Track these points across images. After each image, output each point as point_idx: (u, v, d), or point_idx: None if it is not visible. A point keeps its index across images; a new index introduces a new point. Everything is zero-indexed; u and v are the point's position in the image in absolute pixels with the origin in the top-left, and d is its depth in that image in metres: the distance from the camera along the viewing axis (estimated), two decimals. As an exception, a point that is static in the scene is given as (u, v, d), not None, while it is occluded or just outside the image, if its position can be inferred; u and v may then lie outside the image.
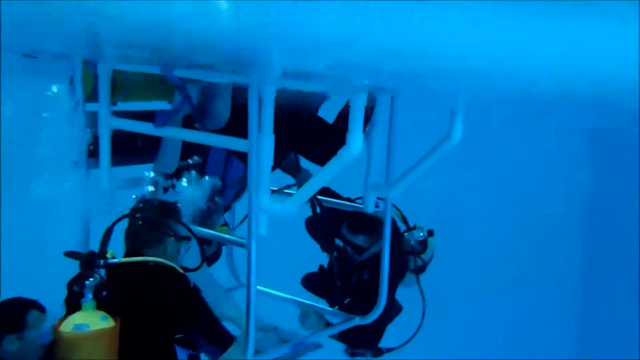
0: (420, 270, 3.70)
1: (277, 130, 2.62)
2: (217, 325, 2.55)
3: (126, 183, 3.24)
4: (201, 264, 2.66)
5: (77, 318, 2.27)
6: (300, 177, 3.51)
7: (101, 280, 2.34)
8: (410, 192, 3.24)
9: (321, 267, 3.78)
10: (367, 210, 3.30)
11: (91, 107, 3.14)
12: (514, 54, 1.70)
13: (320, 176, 2.63)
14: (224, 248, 3.70)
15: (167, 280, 2.48)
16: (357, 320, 3.45)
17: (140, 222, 2.59)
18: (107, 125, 3.09)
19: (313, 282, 3.85)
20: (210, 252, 3.31)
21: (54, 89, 2.99)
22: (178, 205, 2.74)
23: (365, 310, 3.41)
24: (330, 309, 3.58)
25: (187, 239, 2.67)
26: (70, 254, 2.37)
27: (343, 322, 3.47)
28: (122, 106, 3.28)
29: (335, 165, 2.55)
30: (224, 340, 2.55)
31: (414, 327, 3.68)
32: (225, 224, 3.29)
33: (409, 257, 3.65)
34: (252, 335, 2.71)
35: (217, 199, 3.11)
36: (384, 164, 3.28)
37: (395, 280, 3.56)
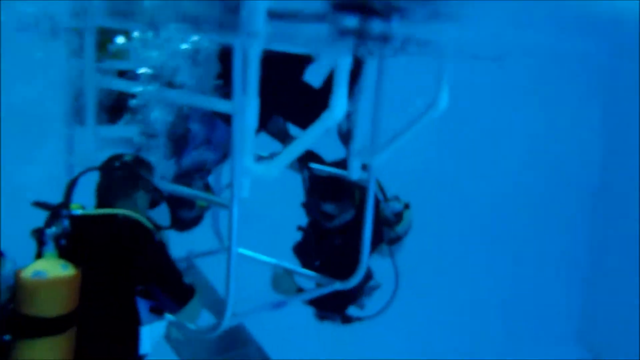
0: (393, 241, 3.72)
1: (260, 92, 2.62)
2: (178, 280, 2.56)
3: (113, 142, 3.24)
4: (171, 225, 2.71)
5: (37, 265, 2.31)
6: (289, 144, 3.51)
7: (63, 230, 2.37)
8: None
9: (301, 229, 3.82)
10: (351, 177, 3.31)
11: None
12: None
13: (302, 140, 2.64)
14: (209, 213, 3.72)
15: (132, 232, 2.50)
16: (338, 285, 3.50)
17: (111, 176, 2.60)
18: (92, 82, 3.07)
19: (297, 248, 3.90)
20: (191, 216, 3.33)
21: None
22: (149, 160, 2.74)
23: (336, 275, 3.46)
24: (311, 273, 3.62)
25: (157, 192, 2.68)
26: (38, 204, 2.41)
27: (324, 286, 3.52)
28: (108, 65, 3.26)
29: (317, 128, 2.56)
30: (183, 295, 2.56)
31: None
32: (208, 188, 3.30)
33: (383, 227, 3.67)
34: (232, 298, 2.76)
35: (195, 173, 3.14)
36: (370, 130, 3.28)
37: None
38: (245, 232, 2.78)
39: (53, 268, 2.29)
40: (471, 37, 2.76)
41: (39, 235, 2.34)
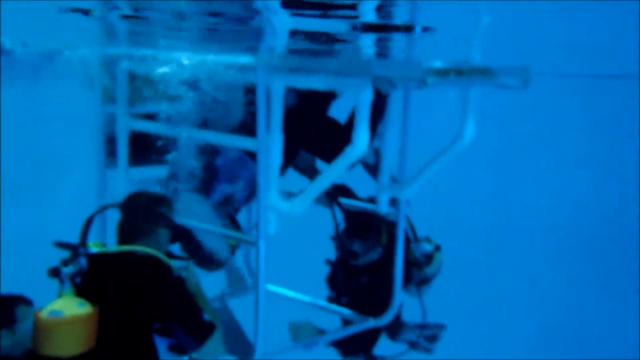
0: (422, 282, 3.64)
1: (286, 129, 2.64)
2: (197, 317, 2.51)
3: (144, 183, 3.30)
4: (190, 256, 2.69)
5: (54, 305, 2.33)
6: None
7: (80, 268, 2.38)
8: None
9: (329, 263, 3.78)
10: (380, 211, 3.28)
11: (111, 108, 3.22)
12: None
13: (326, 175, 2.63)
14: (240, 251, 3.72)
15: (148, 268, 2.49)
16: (372, 322, 3.43)
17: (131, 214, 2.61)
18: (125, 125, 3.16)
19: (329, 281, 3.85)
20: (222, 256, 3.32)
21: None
22: (170, 197, 2.76)
23: (364, 313, 3.40)
24: (342, 309, 3.56)
25: (179, 227, 2.69)
26: (59, 244, 2.44)
27: (354, 323, 3.45)
28: (138, 109, 3.36)
29: (341, 163, 2.55)
30: (202, 332, 2.51)
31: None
32: (237, 226, 3.30)
33: (413, 268, 3.60)
34: (260, 335, 2.73)
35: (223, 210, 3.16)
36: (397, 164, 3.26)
37: None
38: (276, 267, 2.76)
39: (69, 307, 2.30)
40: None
41: (55, 274, 2.36)
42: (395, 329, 3.69)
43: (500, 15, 2.42)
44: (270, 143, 2.61)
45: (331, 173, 2.62)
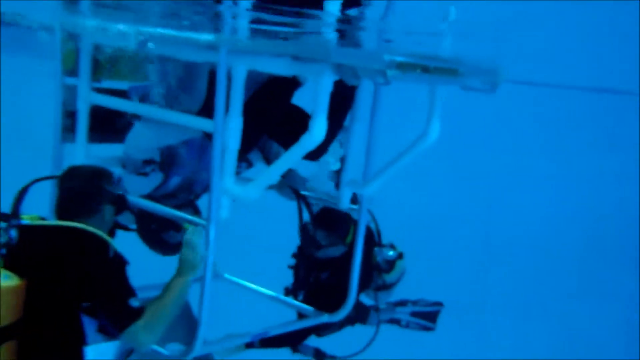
0: (380, 288, 3.62)
1: (247, 113, 2.58)
2: (122, 301, 2.37)
3: (102, 161, 3.23)
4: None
5: None
6: (290, 177, 3.45)
7: (9, 239, 2.30)
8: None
9: (294, 256, 3.74)
10: (340, 206, 3.24)
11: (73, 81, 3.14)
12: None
13: (281, 162, 2.57)
14: None
15: (82, 244, 2.39)
16: (326, 317, 3.38)
17: (70, 192, 2.51)
18: (86, 100, 3.08)
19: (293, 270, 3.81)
20: (177, 240, 3.25)
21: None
22: (109, 169, 2.68)
23: (319, 309, 3.37)
24: (296, 303, 3.52)
25: (121, 201, 2.60)
26: None
27: (312, 317, 3.40)
28: (107, 84, 3.29)
29: (296, 151, 2.49)
30: (123, 318, 2.37)
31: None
32: (196, 212, 3.24)
33: (374, 272, 3.57)
34: (204, 325, 2.66)
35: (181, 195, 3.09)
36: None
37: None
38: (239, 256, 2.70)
39: None
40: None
41: None
42: (361, 315, 3.65)
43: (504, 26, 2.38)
44: (228, 125, 2.55)
45: (286, 161, 2.56)
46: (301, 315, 3.48)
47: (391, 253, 3.62)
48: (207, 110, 2.84)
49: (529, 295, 8.83)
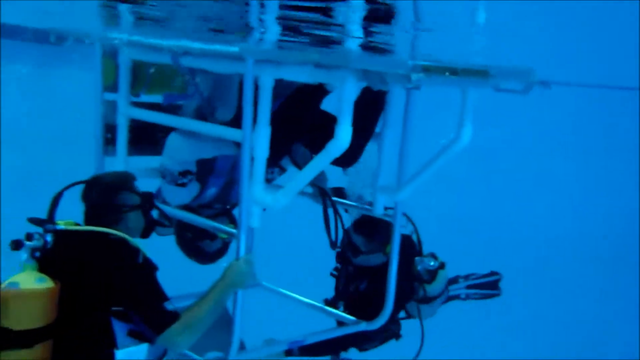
0: (423, 301, 3.54)
1: (276, 121, 2.61)
2: (157, 305, 2.43)
3: (142, 172, 3.32)
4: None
5: (14, 277, 2.32)
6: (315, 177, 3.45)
7: (44, 244, 2.38)
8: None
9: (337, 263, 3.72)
10: (374, 213, 3.21)
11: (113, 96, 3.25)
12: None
13: (309, 169, 2.58)
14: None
15: (112, 250, 2.46)
16: (364, 325, 3.35)
17: (90, 205, 2.58)
18: (125, 113, 3.18)
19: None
20: (213, 249, 3.30)
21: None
22: (130, 173, 2.72)
23: (358, 318, 3.33)
24: (333, 311, 3.50)
25: (148, 204, 2.64)
26: (32, 220, 2.45)
27: (351, 324, 3.38)
28: (145, 98, 3.39)
29: (323, 158, 2.50)
30: (160, 321, 2.43)
31: None
32: (233, 221, 3.28)
33: (415, 284, 3.50)
34: (237, 331, 2.69)
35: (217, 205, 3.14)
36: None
37: (398, 306, 3.42)
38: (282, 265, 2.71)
39: (27, 280, 2.30)
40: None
41: (17, 247, 2.37)
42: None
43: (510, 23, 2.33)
44: (256, 135, 2.58)
45: (313, 168, 2.57)
46: (340, 324, 3.46)
47: (432, 263, 3.51)
48: (238, 120, 2.88)
49: (554, 296, 8.71)
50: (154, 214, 2.78)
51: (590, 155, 8.95)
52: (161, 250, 2.71)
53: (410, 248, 3.54)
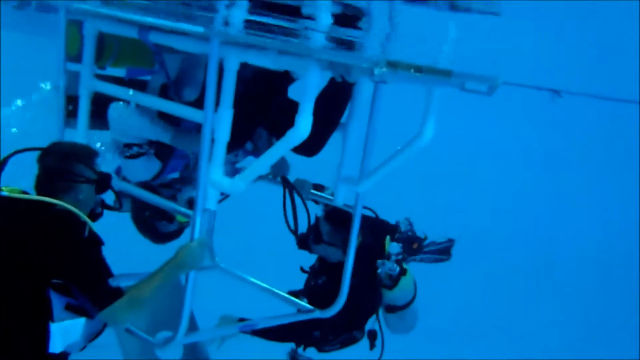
0: (388, 310, 3.50)
1: (240, 105, 2.59)
2: (99, 280, 2.36)
3: (103, 146, 3.26)
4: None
5: None
6: (276, 164, 3.44)
7: None
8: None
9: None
10: (335, 203, 3.22)
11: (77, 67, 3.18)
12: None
13: (268, 156, 2.57)
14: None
15: (55, 221, 2.38)
16: (317, 313, 3.36)
17: (45, 169, 2.51)
18: (88, 86, 3.12)
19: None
20: (169, 230, 3.27)
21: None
22: (92, 148, 2.65)
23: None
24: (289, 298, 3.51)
25: (102, 180, 2.57)
26: None
27: (304, 311, 3.39)
28: (111, 71, 3.32)
29: (282, 145, 2.49)
30: (103, 297, 2.35)
31: None
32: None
33: (382, 289, 3.45)
34: (187, 312, 2.68)
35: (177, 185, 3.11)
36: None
37: (363, 311, 3.45)
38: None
39: None
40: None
41: None
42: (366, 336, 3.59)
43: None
44: (219, 117, 2.56)
45: (273, 154, 2.56)
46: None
47: (393, 267, 3.38)
48: (202, 101, 2.85)
49: (554, 296, 8.86)
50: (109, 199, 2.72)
51: (592, 159, 9.01)
52: (112, 226, 2.68)
53: (373, 248, 3.46)
